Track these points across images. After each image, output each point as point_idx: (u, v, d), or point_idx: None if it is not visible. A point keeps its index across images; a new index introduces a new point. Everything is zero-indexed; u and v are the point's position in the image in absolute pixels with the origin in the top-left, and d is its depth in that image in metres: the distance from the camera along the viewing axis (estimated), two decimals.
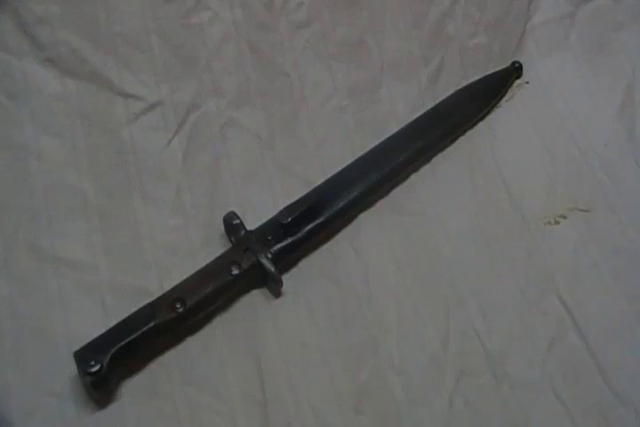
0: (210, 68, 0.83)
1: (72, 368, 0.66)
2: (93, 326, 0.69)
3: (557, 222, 0.82)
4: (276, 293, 0.75)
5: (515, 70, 0.91)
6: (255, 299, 0.75)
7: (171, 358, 0.71)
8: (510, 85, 0.91)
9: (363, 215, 0.81)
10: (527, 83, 0.92)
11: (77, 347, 0.67)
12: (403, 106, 0.87)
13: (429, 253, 0.79)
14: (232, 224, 0.75)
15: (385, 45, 0.89)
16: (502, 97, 0.91)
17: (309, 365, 0.72)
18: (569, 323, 0.76)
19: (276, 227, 0.75)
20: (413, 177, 0.84)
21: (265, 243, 0.74)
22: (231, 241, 0.77)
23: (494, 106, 0.90)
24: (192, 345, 0.72)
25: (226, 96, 0.83)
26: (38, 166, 0.75)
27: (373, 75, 0.88)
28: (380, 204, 0.82)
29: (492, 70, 0.91)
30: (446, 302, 0.77)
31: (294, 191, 0.79)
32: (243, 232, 0.75)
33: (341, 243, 0.79)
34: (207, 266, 0.73)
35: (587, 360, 0.74)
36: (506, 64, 0.92)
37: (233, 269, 0.72)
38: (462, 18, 0.91)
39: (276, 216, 0.76)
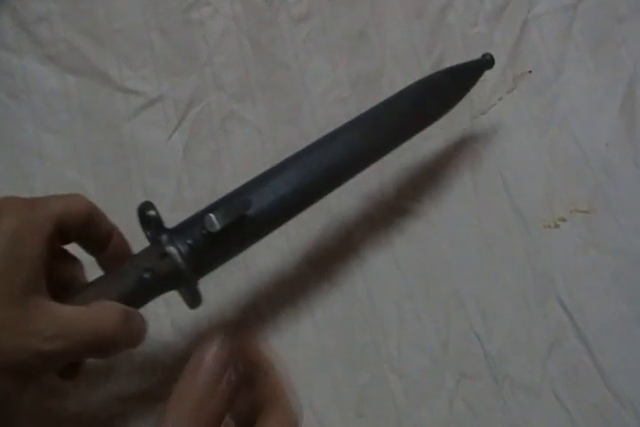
0: (210, 63, 0.83)
1: None
2: None
3: (557, 225, 0.82)
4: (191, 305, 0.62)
5: (486, 63, 0.80)
6: None
7: None
8: (478, 79, 0.81)
9: (362, 216, 0.81)
10: (530, 72, 0.90)
11: None
12: None
13: (430, 255, 0.79)
14: (147, 216, 0.61)
15: (386, 37, 0.88)
16: (468, 90, 0.80)
17: (310, 367, 0.72)
18: (569, 325, 0.76)
19: (201, 234, 0.60)
20: (413, 177, 0.84)
21: (185, 247, 0.60)
22: (147, 237, 0.63)
23: (461, 98, 0.79)
24: None
25: (227, 90, 0.83)
26: (39, 164, 0.76)
27: (375, 66, 0.87)
28: (380, 204, 0.81)
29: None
30: (447, 304, 0.77)
31: None
32: (160, 230, 0.61)
33: (342, 244, 0.79)
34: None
35: (587, 362, 0.75)
36: (507, 55, 0.90)
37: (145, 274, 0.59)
38: (463, 8, 0.90)
39: (202, 222, 0.59)
